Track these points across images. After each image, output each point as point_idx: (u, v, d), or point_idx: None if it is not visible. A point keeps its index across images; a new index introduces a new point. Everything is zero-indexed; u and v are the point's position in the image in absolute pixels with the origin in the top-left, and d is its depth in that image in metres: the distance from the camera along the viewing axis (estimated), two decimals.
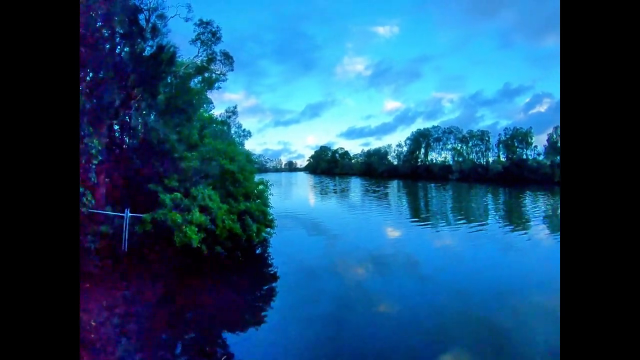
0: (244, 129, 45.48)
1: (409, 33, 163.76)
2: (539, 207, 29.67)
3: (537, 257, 13.48)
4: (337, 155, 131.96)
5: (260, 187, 15.51)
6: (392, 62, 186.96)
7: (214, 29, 16.96)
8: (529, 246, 15.32)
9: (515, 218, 23.50)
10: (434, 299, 9.28)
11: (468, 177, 74.04)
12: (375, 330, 7.40)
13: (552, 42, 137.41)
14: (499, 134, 79.75)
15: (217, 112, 33.33)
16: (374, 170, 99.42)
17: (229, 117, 33.96)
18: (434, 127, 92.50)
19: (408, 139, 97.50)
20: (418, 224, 21.25)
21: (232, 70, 18.85)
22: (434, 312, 8.38)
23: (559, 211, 25.96)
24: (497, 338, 7.18)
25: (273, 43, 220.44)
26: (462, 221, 21.75)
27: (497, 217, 23.95)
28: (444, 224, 21.16)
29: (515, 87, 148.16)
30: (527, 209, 28.81)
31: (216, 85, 19.71)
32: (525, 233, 18.20)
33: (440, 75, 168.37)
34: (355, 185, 60.41)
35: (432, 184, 61.14)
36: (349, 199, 39.15)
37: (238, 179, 14.53)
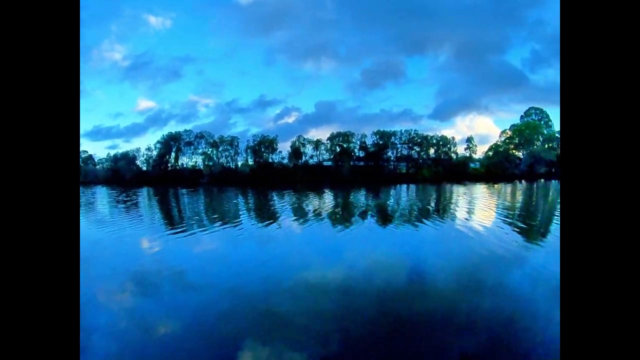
0: None
1: (181, 30, 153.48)
2: (285, 202, 34.67)
3: (291, 243, 15.62)
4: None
5: None
6: (154, 56, 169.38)
7: None
8: (281, 235, 17.55)
9: (265, 214, 26.42)
10: (209, 308, 8.88)
11: (218, 180, 77.50)
12: None
13: (309, 67, 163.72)
14: (248, 140, 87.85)
15: None
16: (122, 177, 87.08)
17: None
18: (186, 130, 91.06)
19: (158, 142, 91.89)
20: (175, 232, 20.01)
21: None
22: (215, 321, 8.01)
23: (304, 205, 31.31)
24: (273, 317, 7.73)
25: None
26: (217, 223, 22.30)
27: (249, 216, 26.09)
28: (201, 228, 20.99)
29: (269, 99, 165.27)
30: (275, 205, 33.14)
31: None
32: (279, 226, 20.76)
33: (201, 79, 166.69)
34: (102, 196, 50.79)
35: (184, 189, 59.78)
36: (96, 213, 32.14)
37: None
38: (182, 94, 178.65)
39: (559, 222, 28.61)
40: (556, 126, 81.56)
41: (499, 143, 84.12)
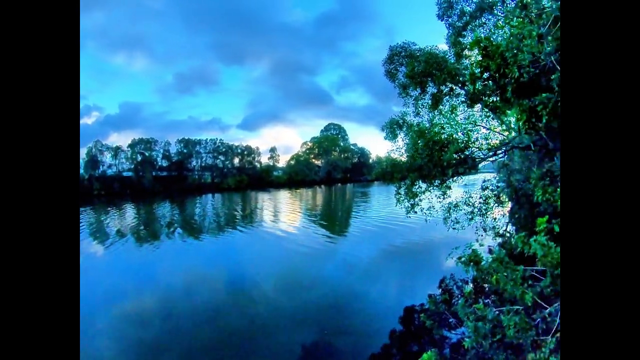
0: None
1: None
2: (81, 224, 28.81)
3: (95, 271, 14.92)
4: None
5: None
6: None
7: None
8: (81, 264, 14.99)
9: None
10: None
11: None
12: None
13: (120, 60, 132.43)
14: None
15: None
16: None
17: None
18: None
19: None
20: None
21: None
22: None
23: (105, 224, 26.30)
24: None
25: None
26: None
27: None
28: None
29: None
30: None
31: None
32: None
33: None
34: None
35: None
36: None
37: None
38: None
39: (357, 217, 34.66)
40: (351, 139, 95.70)
41: (300, 153, 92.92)
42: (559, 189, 6.01)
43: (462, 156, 13.59)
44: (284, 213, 35.55)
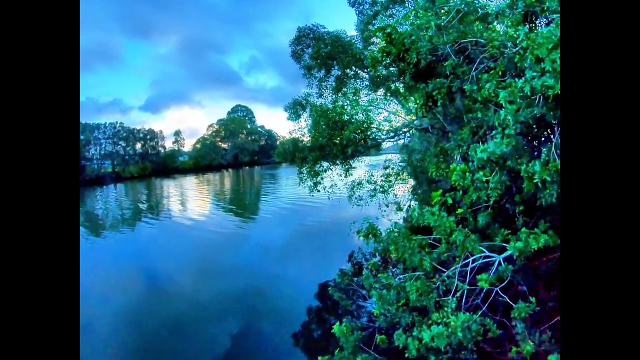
0: None
1: None
2: None
3: None
4: None
5: None
6: None
7: None
8: None
9: None
10: None
11: None
12: None
13: None
14: None
15: None
16: None
17: None
18: None
19: None
20: None
21: None
22: None
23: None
24: None
25: None
26: None
27: None
28: None
29: None
30: None
31: None
32: None
33: None
34: None
35: None
36: None
37: None
38: None
39: (266, 199, 34.20)
40: (259, 122, 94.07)
41: (206, 136, 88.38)
42: (452, 165, 6.76)
43: (363, 136, 14.43)
44: (192, 200, 33.73)
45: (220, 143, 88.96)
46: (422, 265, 6.30)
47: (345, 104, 15.11)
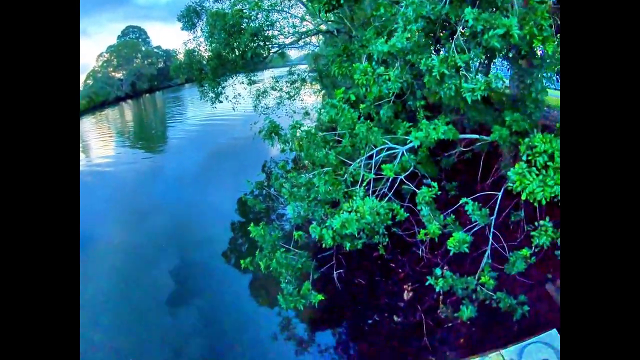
0: None
1: None
2: None
3: None
4: None
5: None
6: None
7: None
8: None
9: None
10: None
11: None
12: None
13: None
14: None
15: None
16: None
17: None
18: None
19: None
20: None
21: None
22: None
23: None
24: None
25: None
26: None
27: None
28: None
29: None
30: None
31: None
32: None
33: None
34: None
35: None
36: None
37: None
38: None
39: (173, 125, 31.40)
40: (155, 42, 79.56)
41: (97, 68, 73.83)
42: (354, 64, 6.66)
43: (263, 39, 13.38)
44: (94, 142, 30.08)
45: (114, 73, 74.87)
46: (328, 160, 6.51)
47: (245, 7, 13.51)
